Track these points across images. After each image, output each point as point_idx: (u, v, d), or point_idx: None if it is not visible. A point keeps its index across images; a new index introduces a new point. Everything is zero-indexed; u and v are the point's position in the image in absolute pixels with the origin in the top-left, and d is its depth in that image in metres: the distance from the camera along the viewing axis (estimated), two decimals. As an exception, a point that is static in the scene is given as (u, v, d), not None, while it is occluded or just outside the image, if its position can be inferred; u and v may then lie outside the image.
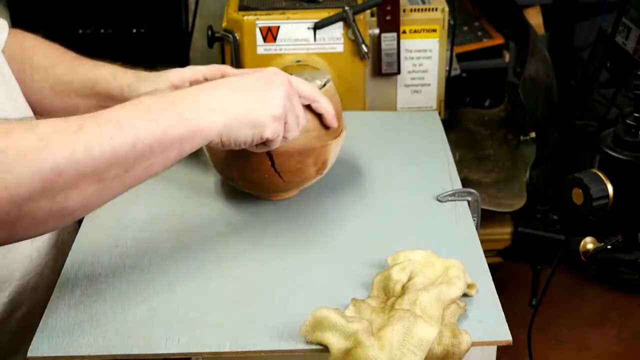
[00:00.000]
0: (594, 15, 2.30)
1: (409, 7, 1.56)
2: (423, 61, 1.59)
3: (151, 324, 0.93)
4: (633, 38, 1.76)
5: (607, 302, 2.11)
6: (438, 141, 1.33)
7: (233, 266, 1.03)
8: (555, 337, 2.00)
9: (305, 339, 0.89)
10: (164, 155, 0.88)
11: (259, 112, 0.94)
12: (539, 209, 1.94)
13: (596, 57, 2.00)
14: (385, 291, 0.95)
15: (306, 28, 1.46)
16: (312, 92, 1.04)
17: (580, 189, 0.94)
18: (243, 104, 0.94)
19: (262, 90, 0.96)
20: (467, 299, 0.95)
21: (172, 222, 1.12)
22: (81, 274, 1.01)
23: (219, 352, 0.89)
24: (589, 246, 1.03)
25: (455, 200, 1.15)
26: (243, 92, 0.95)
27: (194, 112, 0.90)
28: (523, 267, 2.01)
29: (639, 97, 0.94)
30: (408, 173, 1.22)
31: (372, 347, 0.84)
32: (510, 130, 1.93)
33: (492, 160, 1.90)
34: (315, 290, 0.98)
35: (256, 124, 0.94)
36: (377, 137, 1.32)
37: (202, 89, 0.94)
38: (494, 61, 2.02)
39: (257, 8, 1.48)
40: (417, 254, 0.99)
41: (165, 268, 1.03)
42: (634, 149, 0.94)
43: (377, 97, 1.59)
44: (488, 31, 2.06)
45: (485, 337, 0.91)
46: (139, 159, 0.86)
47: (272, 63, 1.45)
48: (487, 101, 2.06)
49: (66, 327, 0.92)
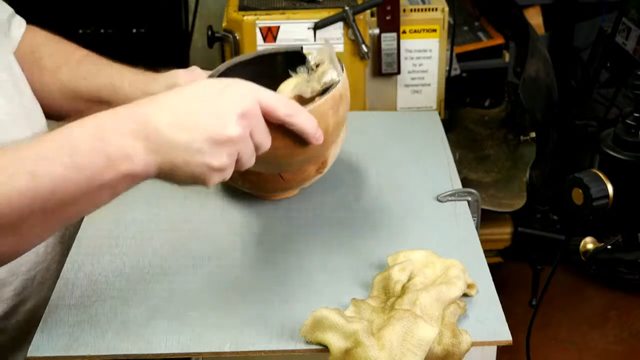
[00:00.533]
0: (594, 15, 2.30)
1: (409, 7, 1.56)
2: (423, 61, 1.59)
3: (151, 324, 0.93)
4: (633, 38, 1.76)
5: (607, 302, 2.11)
6: (438, 141, 1.33)
7: (233, 266, 1.03)
8: (555, 337, 2.00)
9: (305, 339, 0.89)
10: (93, 199, 0.81)
11: (198, 158, 0.80)
12: (539, 209, 1.94)
13: (596, 57, 2.00)
14: (385, 291, 0.95)
15: (306, 28, 1.46)
16: (283, 108, 0.87)
17: (580, 189, 0.94)
18: (184, 142, 0.80)
19: (211, 115, 0.81)
20: (467, 299, 0.95)
21: (172, 222, 1.12)
22: (81, 274, 1.01)
23: (219, 352, 0.89)
24: (589, 246, 1.03)
25: (455, 200, 1.15)
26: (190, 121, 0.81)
27: (123, 154, 0.79)
28: (523, 267, 2.01)
29: (639, 97, 0.94)
30: (408, 173, 1.22)
31: (372, 347, 0.84)
32: (510, 130, 1.93)
33: (492, 160, 1.90)
34: (315, 290, 0.98)
35: (195, 174, 0.82)
36: (377, 137, 1.32)
37: (141, 115, 0.80)
38: (494, 61, 2.02)
39: (257, 8, 1.48)
40: (417, 254, 0.99)
41: (165, 268, 1.03)
42: (634, 149, 0.95)
43: (377, 97, 1.59)
44: (488, 31, 2.06)
45: (485, 337, 0.91)
46: (60, 209, 0.79)
47: (272, 63, 1.46)
48: (487, 101, 2.06)
49: (66, 327, 0.92)
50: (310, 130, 0.90)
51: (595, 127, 1.94)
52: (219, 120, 0.81)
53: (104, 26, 2.10)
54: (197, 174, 0.82)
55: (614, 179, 0.94)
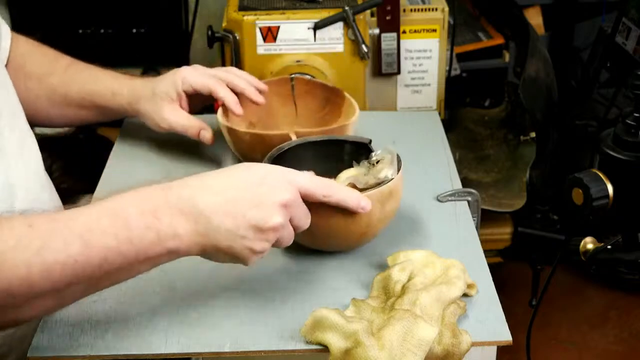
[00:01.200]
0: (594, 15, 2.30)
1: (409, 7, 1.56)
2: (423, 61, 1.59)
3: (151, 324, 0.93)
4: (633, 38, 1.76)
5: (607, 302, 2.11)
6: (438, 141, 1.33)
7: (233, 266, 1.03)
8: (555, 337, 1.99)
9: (305, 339, 0.89)
10: (134, 270, 0.84)
11: (241, 243, 0.84)
12: (539, 209, 1.94)
13: (596, 57, 2.00)
14: (385, 291, 0.95)
15: (306, 28, 1.46)
16: (321, 190, 0.91)
17: (580, 189, 0.94)
18: (229, 229, 0.84)
19: (255, 204, 0.84)
20: (467, 299, 0.95)
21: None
22: (81, 274, 1.01)
23: (219, 352, 0.89)
24: (589, 246, 1.03)
25: (455, 200, 1.15)
26: (235, 209, 0.84)
27: (173, 232, 0.82)
28: (523, 267, 2.00)
29: (639, 97, 0.94)
30: (408, 173, 1.22)
31: (372, 347, 0.84)
32: (510, 130, 1.93)
33: (492, 160, 1.89)
34: (315, 290, 0.98)
35: (236, 256, 0.86)
36: (377, 137, 1.32)
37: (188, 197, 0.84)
38: (494, 61, 2.02)
39: (257, 8, 1.48)
40: (417, 254, 0.99)
41: (165, 268, 1.02)
42: (634, 149, 0.94)
43: (377, 97, 1.59)
44: (488, 31, 2.06)
45: (485, 337, 0.91)
46: (104, 278, 0.82)
47: (272, 63, 1.46)
48: (487, 101, 2.06)
49: (66, 327, 0.92)
50: (352, 203, 0.94)
51: (595, 127, 1.93)
52: (262, 210, 0.85)
53: (104, 26, 2.10)
54: (238, 256, 0.87)
55: (614, 179, 0.94)
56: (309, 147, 1.12)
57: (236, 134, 1.17)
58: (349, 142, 1.12)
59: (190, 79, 1.20)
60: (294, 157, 1.09)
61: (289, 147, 1.10)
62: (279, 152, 1.08)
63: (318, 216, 0.95)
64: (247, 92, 1.22)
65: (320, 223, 0.96)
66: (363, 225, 0.98)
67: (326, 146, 1.12)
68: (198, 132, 1.21)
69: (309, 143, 1.12)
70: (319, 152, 1.12)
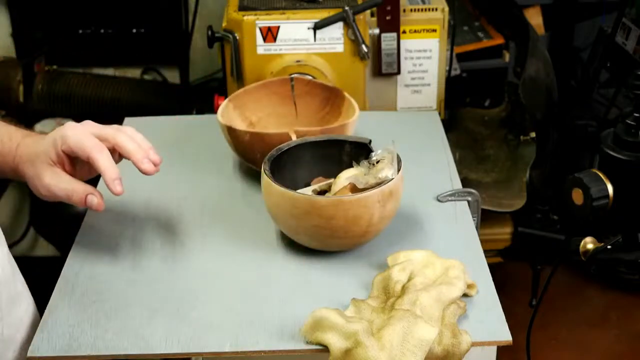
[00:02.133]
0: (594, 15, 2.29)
1: (409, 7, 1.56)
2: (423, 61, 1.59)
3: (151, 324, 0.93)
4: (633, 38, 1.76)
5: (607, 302, 2.10)
6: (438, 141, 1.33)
7: (233, 266, 1.03)
8: (555, 337, 1.99)
9: (305, 339, 0.89)
10: None
11: None
12: (539, 209, 1.94)
13: (596, 57, 2.00)
14: (385, 291, 0.95)
15: (306, 28, 1.46)
16: None
17: (580, 189, 0.95)
18: None
19: None
20: (467, 299, 0.95)
21: (172, 223, 1.12)
22: (81, 274, 1.01)
23: (219, 352, 0.89)
24: (589, 246, 1.03)
25: (455, 200, 1.15)
26: None
27: None
28: (523, 267, 2.00)
29: (639, 97, 0.94)
30: (408, 173, 1.22)
31: (372, 347, 0.84)
32: (510, 130, 1.93)
33: (492, 160, 1.89)
34: (315, 290, 0.98)
35: None
36: (377, 137, 1.32)
37: None
38: (494, 61, 2.02)
39: (257, 8, 1.48)
40: (417, 254, 0.99)
41: (166, 268, 1.03)
42: (634, 149, 0.95)
43: (377, 97, 1.59)
44: (488, 31, 2.06)
45: (485, 337, 0.91)
46: None
47: (272, 63, 1.46)
48: (487, 101, 2.06)
49: (66, 327, 0.92)
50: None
51: (595, 127, 1.93)
52: None
53: (104, 26, 2.10)
54: None
55: (614, 179, 0.94)
56: (309, 147, 1.12)
57: (236, 133, 1.17)
58: (349, 142, 1.12)
59: (69, 139, 1.01)
60: (294, 157, 1.09)
61: (289, 147, 1.10)
62: (279, 152, 1.08)
63: (318, 216, 0.95)
64: (135, 158, 1.02)
65: (321, 223, 0.97)
66: (363, 225, 0.99)
67: (326, 146, 1.12)
68: (84, 197, 1.02)
69: (309, 143, 1.12)
70: (319, 152, 1.12)
